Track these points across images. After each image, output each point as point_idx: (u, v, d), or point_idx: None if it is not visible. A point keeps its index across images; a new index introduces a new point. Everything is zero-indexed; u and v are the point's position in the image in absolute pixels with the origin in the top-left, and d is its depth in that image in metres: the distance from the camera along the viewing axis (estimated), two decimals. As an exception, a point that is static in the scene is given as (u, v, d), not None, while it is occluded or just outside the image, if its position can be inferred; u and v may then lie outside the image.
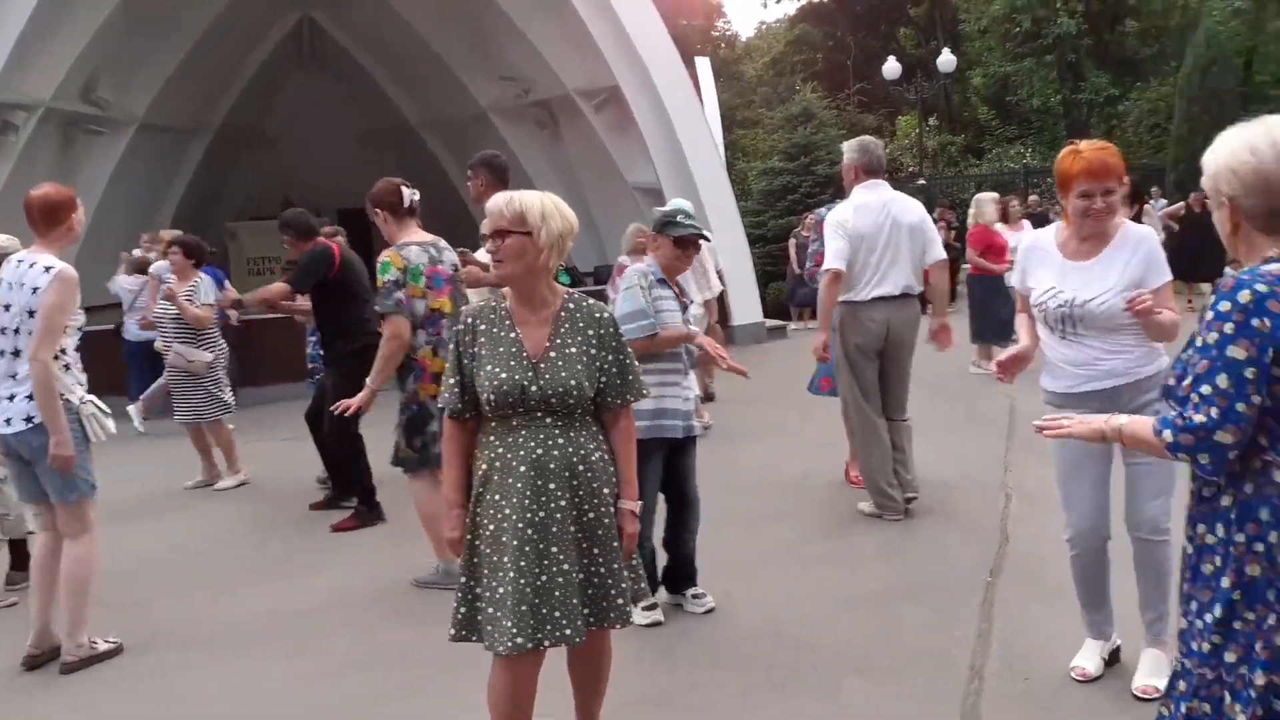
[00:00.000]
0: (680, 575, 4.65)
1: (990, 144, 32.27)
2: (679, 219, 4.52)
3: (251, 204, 19.92)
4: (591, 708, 3.26)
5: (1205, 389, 2.09)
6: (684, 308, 4.53)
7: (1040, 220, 16.01)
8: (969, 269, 10.90)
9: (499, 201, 2.93)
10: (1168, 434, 2.14)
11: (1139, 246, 3.49)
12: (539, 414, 2.89)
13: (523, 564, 2.82)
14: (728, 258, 12.91)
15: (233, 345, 11.35)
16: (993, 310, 10.33)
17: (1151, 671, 3.51)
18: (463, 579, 2.97)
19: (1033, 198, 19.58)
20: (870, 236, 5.59)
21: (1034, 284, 3.61)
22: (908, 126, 32.34)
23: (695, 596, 4.63)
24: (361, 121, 20.05)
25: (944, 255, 5.90)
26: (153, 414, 10.24)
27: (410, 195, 5.21)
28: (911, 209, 5.79)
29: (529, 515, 2.85)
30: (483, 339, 2.96)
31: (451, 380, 3.00)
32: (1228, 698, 2.18)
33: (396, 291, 4.95)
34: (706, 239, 4.66)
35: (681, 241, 4.47)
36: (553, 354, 2.91)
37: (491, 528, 2.89)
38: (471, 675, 3.89)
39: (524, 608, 2.81)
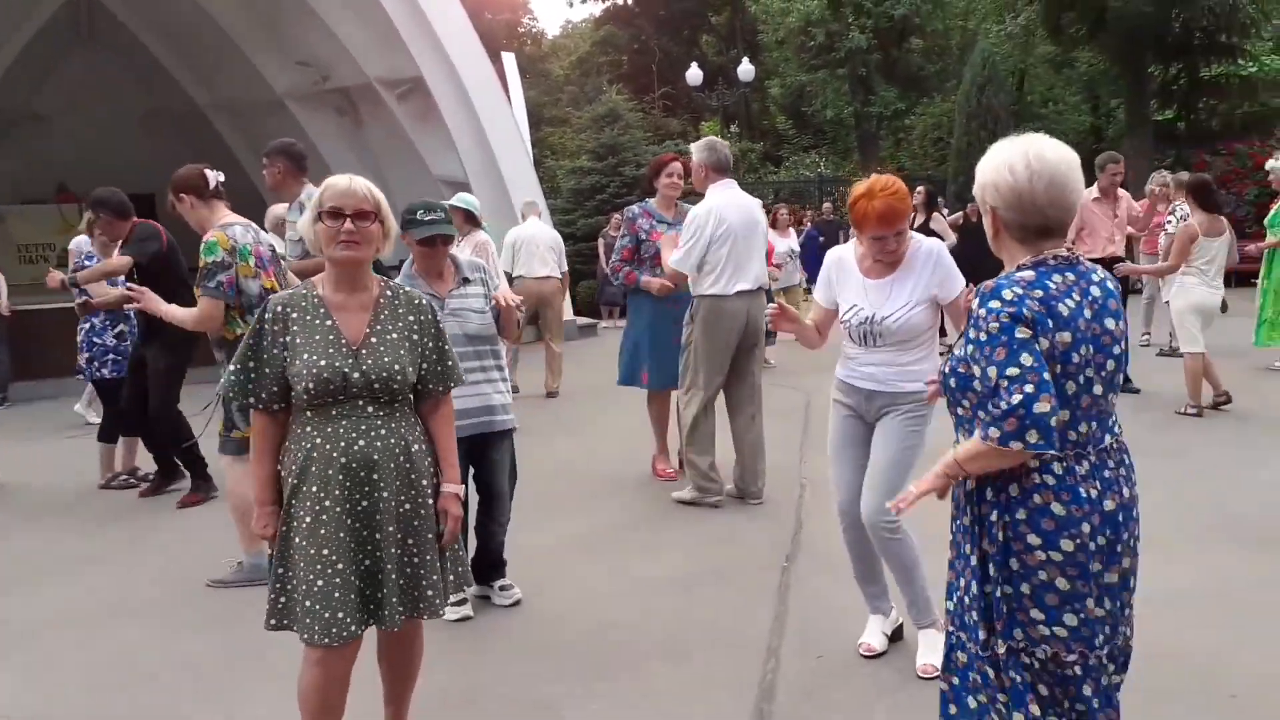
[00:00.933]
0: (488, 566, 4.63)
1: (788, 152, 33.48)
2: (418, 215, 4.13)
3: (22, 187, 18.54)
4: (401, 701, 3.23)
5: (1011, 371, 2.19)
6: (442, 304, 4.23)
7: (834, 228, 16.73)
8: None
9: (360, 185, 2.91)
10: (992, 431, 2.19)
11: (929, 261, 3.68)
12: (360, 402, 2.84)
13: (349, 555, 2.80)
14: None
15: (3, 335, 10.56)
16: None
17: (928, 651, 3.72)
18: (279, 569, 2.87)
19: (826, 205, 20.39)
20: (737, 231, 5.75)
21: (840, 300, 3.79)
22: (710, 132, 33.15)
23: (503, 588, 4.62)
24: (144, 102, 18.91)
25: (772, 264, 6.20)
26: None
27: (215, 177, 5.05)
28: (761, 215, 6.06)
29: (348, 505, 2.81)
30: (295, 327, 2.87)
31: (250, 365, 2.87)
32: (990, 670, 2.37)
33: (220, 274, 4.79)
34: (450, 236, 4.24)
35: (428, 241, 4.17)
36: (373, 339, 2.89)
37: (309, 519, 2.81)
38: (272, 676, 3.76)
39: (352, 595, 2.79)
